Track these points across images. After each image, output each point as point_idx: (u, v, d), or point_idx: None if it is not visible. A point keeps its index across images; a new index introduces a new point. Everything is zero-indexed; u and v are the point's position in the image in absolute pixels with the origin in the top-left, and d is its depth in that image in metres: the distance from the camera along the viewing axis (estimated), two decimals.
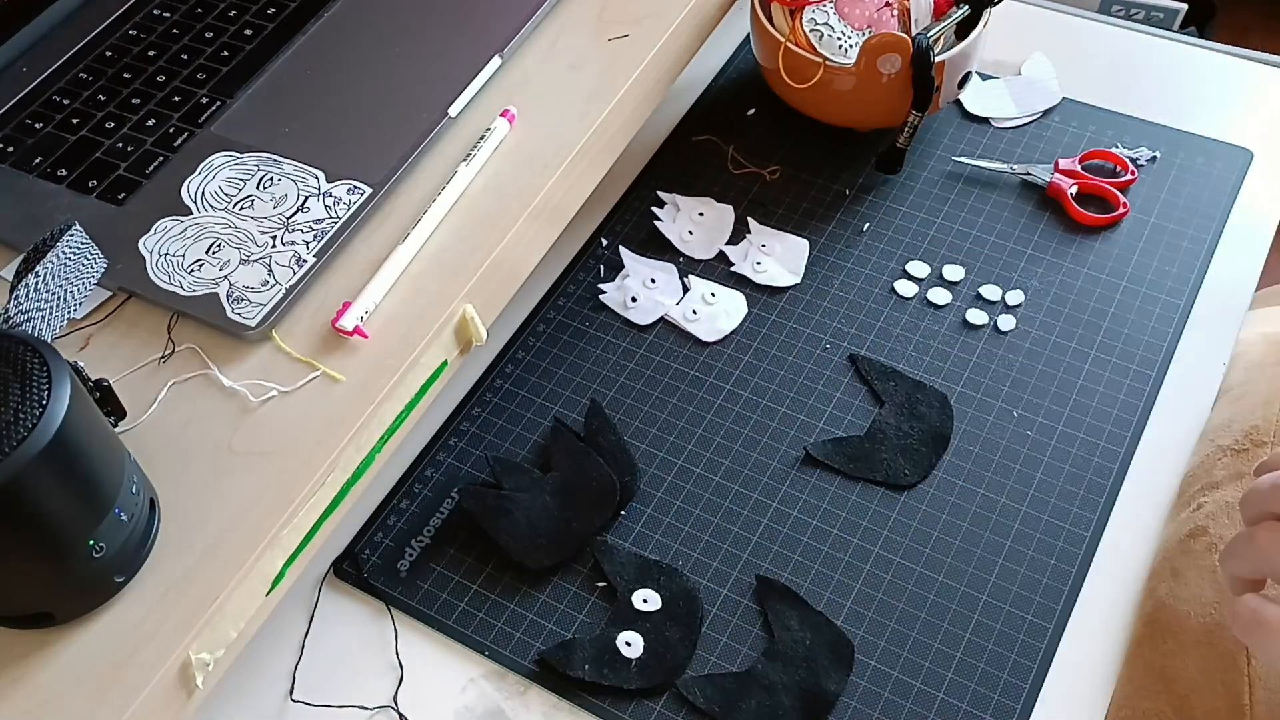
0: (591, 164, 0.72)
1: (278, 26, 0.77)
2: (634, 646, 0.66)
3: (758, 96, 0.94)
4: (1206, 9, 1.41)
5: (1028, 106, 0.91)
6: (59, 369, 0.47)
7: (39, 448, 0.45)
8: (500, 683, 0.66)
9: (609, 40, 0.75)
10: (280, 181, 0.67)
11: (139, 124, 0.71)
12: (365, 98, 0.72)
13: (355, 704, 0.65)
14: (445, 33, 0.75)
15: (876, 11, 0.82)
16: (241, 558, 0.54)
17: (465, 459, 0.75)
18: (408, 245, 0.64)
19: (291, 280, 0.62)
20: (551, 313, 0.82)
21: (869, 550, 0.70)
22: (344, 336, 0.61)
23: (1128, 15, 1.20)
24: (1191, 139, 0.88)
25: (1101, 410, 0.74)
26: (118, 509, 0.50)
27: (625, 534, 0.71)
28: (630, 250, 0.85)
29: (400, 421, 0.61)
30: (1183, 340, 0.77)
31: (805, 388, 0.77)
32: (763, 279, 0.82)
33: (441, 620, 0.68)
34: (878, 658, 0.65)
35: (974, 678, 0.65)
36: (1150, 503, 0.70)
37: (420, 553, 0.71)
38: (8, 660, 0.51)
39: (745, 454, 0.74)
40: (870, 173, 0.88)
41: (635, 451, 0.74)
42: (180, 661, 0.51)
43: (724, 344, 0.80)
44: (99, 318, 0.63)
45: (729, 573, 0.69)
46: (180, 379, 0.60)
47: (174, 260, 0.64)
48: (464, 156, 0.68)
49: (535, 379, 0.79)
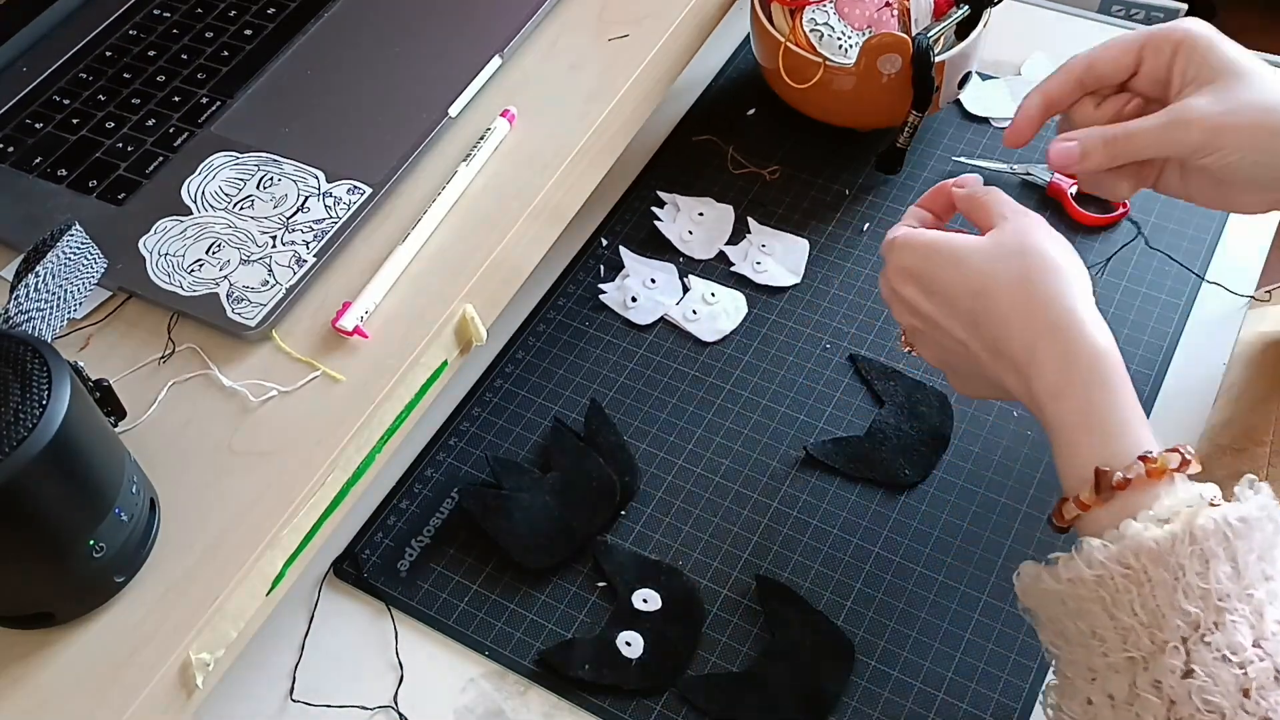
0: (591, 164, 0.72)
1: (278, 26, 0.77)
2: (634, 646, 0.66)
3: (758, 96, 0.94)
4: (1206, 9, 1.41)
5: None
6: (59, 369, 0.47)
7: (39, 448, 0.45)
8: (500, 683, 0.66)
9: (609, 40, 0.75)
10: (280, 181, 0.67)
11: (139, 124, 0.71)
12: (365, 98, 0.72)
13: (355, 704, 0.65)
14: (445, 33, 0.75)
15: (876, 11, 0.82)
16: (241, 558, 0.54)
17: (465, 459, 0.75)
18: (408, 245, 0.64)
19: (291, 280, 0.62)
20: (551, 313, 0.82)
21: (869, 550, 0.70)
22: (344, 336, 0.61)
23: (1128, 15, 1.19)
24: None
25: None
26: (118, 509, 0.50)
27: (625, 534, 0.71)
28: (630, 250, 0.85)
29: (400, 421, 0.61)
30: (1183, 340, 0.77)
31: (805, 388, 0.77)
32: (763, 279, 0.82)
33: (441, 620, 0.68)
34: (878, 658, 0.65)
35: (974, 678, 0.65)
36: None
37: (420, 553, 0.71)
38: (8, 660, 0.51)
39: (745, 454, 0.74)
40: (870, 173, 0.88)
41: (635, 451, 0.74)
42: (180, 661, 0.51)
43: (724, 344, 0.80)
44: (99, 318, 0.63)
45: (729, 573, 0.69)
46: (180, 379, 0.60)
47: (174, 260, 0.64)
48: (464, 156, 0.68)
49: (535, 379, 0.79)
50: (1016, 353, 0.55)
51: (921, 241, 0.60)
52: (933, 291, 0.59)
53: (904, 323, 0.63)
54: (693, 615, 0.67)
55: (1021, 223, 0.58)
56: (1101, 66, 0.62)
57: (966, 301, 0.57)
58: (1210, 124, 0.58)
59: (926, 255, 0.59)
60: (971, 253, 0.58)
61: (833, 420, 0.75)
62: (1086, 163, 0.61)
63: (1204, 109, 0.58)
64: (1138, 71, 0.62)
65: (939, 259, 0.59)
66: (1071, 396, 0.53)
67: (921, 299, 0.59)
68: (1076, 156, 0.61)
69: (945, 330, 0.59)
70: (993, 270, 0.56)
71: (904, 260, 0.60)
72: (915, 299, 0.60)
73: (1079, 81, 0.63)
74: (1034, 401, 0.55)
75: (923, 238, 0.60)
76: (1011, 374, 0.56)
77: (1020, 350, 0.55)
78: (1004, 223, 0.58)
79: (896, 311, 0.63)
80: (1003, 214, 0.59)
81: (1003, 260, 0.56)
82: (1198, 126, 0.58)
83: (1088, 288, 0.56)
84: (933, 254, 0.59)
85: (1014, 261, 0.56)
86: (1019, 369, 0.55)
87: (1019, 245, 0.57)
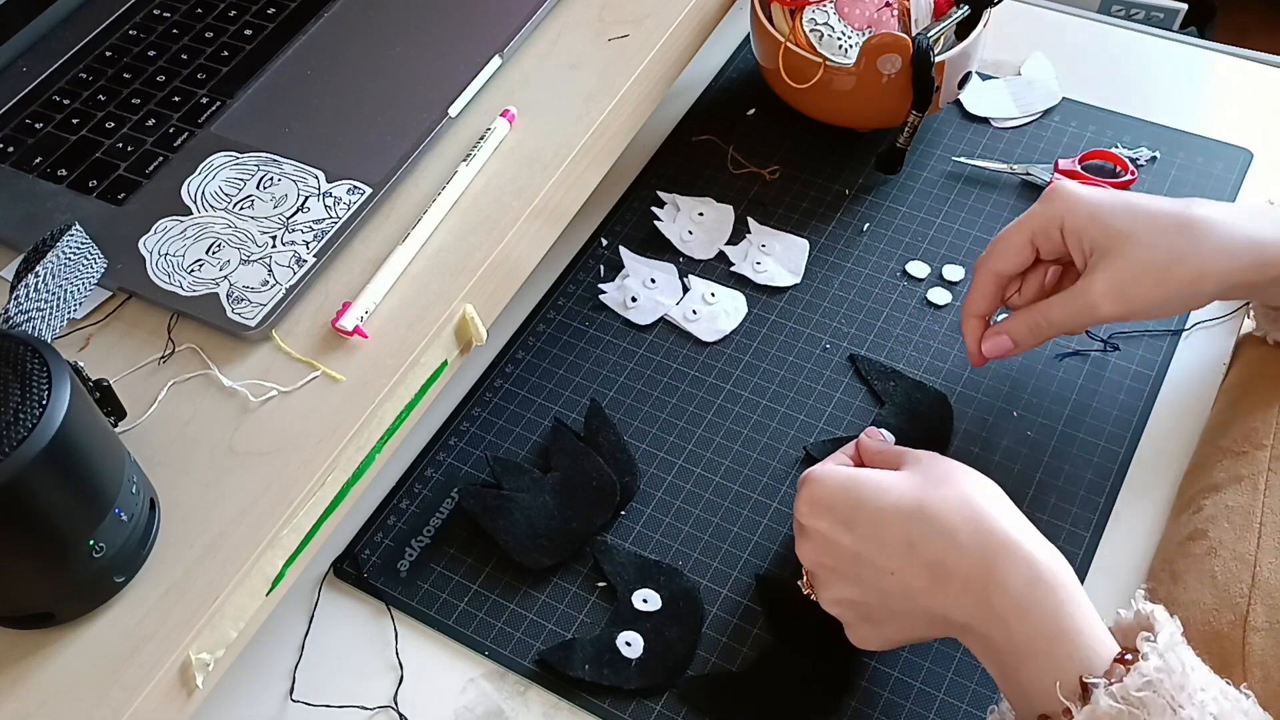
0: (591, 164, 0.72)
1: (278, 27, 0.77)
2: (634, 646, 0.66)
3: (758, 96, 0.94)
4: (1206, 9, 1.41)
5: (1028, 106, 0.91)
6: (59, 369, 0.47)
7: (39, 448, 0.45)
8: (500, 683, 0.66)
9: (609, 40, 0.75)
10: (280, 181, 0.67)
11: (139, 124, 0.71)
12: (365, 98, 0.72)
13: (355, 704, 0.65)
14: (445, 33, 0.75)
15: (876, 11, 0.82)
16: (241, 558, 0.54)
17: (465, 459, 0.75)
18: (408, 245, 0.64)
19: (291, 280, 0.62)
20: (551, 313, 0.82)
21: None
22: (344, 336, 0.61)
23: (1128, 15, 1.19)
24: (1191, 139, 0.88)
25: (1101, 410, 0.74)
26: (118, 509, 0.50)
27: (625, 534, 0.71)
28: (630, 250, 0.85)
29: (400, 421, 0.61)
30: (1182, 341, 0.77)
31: (805, 388, 0.77)
32: (763, 279, 0.82)
33: (441, 620, 0.68)
34: (877, 658, 0.65)
35: (974, 678, 0.64)
36: (1149, 504, 0.70)
37: (420, 553, 0.71)
38: (8, 660, 0.51)
39: (745, 454, 0.74)
40: (870, 173, 0.88)
41: (635, 451, 0.74)
42: (180, 661, 0.51)
43: (724, 344, 0.80)
44: (99, 318, 0.63)
45: (729, 573, 0.69)
46: (180, 379, 0.60)
47: (174, 260, 0.64)
48: (464, 156, 0.68)
49: (535, 379, 0.79)
50: (969, 571, 0.54)
51: (843, 474, 0.59)
52: (855, 523, 0.58)
53: (810, 562, 0.61)
54: (693, 615, 0.67)
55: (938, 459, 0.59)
56: (1006, 267, 0.68)
57: (899, 527, 0.56)
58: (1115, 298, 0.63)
59: (847, 487, 0.58)
60: (898, 481, 0.58)
61: (833, 420, 0.75)
62: (1018, 349, 0.68)
63: (1105, 288, 0.63)
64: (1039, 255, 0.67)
65: (863, 489, 0.58)
66: (1038, 610, 0.52)
67: (840, 532, 0.58)
68: (1010, 346, 0.68)
69: (868, 563, 0.57)
70: (926, 495, 0.56)
71: (821, 493, 0.59)
72: (833, 534, 0.58)
73: (997, 286, 0.69)
74: (993, 620, 0.53)
75: (844, 471, 0.60)
76: (960, 596, 0.54)
77: (974, 567, 0.54)
78: (918, 459, 0.60)
79: (804, 551, 0.61)
80: (916, 456, 0.60)
81: (935, 485, 0.57)
82: (1107, 304, 0.63)
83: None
84: (855, 485, 0.58)
85: (949, 484, 0.57)
86: (973, 589, 0.54)
87: (945, 471, 0.58)
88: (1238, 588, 0.61)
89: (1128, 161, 0.86)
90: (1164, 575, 0.65)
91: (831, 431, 0.75)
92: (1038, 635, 0.52)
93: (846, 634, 0.61)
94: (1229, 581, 0.61)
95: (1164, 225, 0.63)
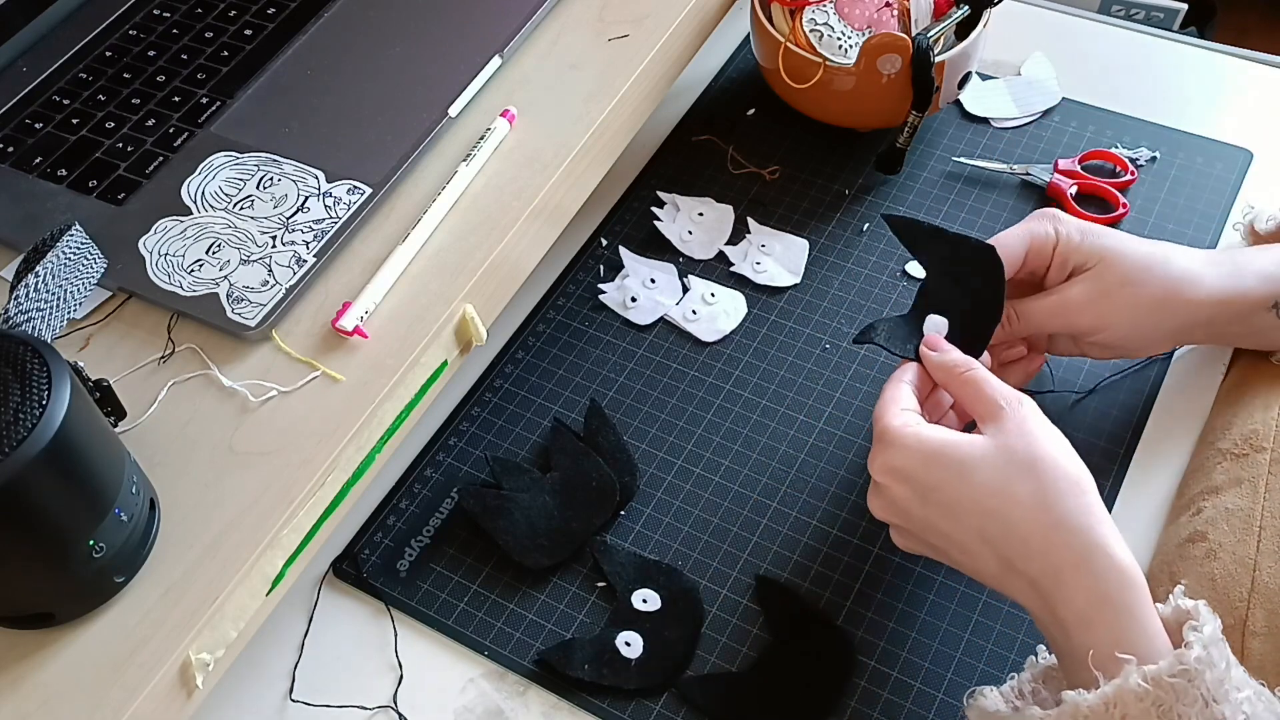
0: (591, 164, 0.72)
1: (278, 26, 0.77)
2: (634, 646, 0.66)
3: (758, 96, 0.94)
4: (1206, 9, 1.41)
5: (1028, 106, 0.91)
6: (59, 369, 0.47)
7: (39, 448, 0.45)
8: (500, 683, 0.66)
9: (609, 40, 0.75)
10: (280, 181, 0.67)
11: (139, 124, 0.71)
12: (365, 98, 0.72)
13: (355, 704, 0.65)
14: (445, 33, 0.75)
15: (876, 11, 0.82)
16: (241, 558, 0.54)
17: (465, 459, 0.75)
18: (408, 245, 0.64)
19: (291, 280, 0.63)
20: (551, 313, 0.82)
21: (868, 550, 0.70)
22: (344, 336, 0.61)
23: (1128, 15, 1.19)
24: (1191, 139, 0.88)
25: (1100, 411, 0.74)
26: (118, 509, 0.50)
27: (625, 534, 0.71)
28: (630, 250, 0.85)
29: (400, 421, 0.61)
30: None
31: (805, 388, 0.77)
32: (762, 279, 0.82)
33: (441, 620, 0.68)
34: (877, 658, 0.65)
35: (974, 678, 0.65)
36: (1148, 506, 0.70)
37: (420, 553, 0.71)
38: (8, 660, 0.51)
39: (745, 454, 0.74)
40: (870, 173, 0.88)
41: (635, 451, 0.74)
42: (180, 661, 0.51)
43: (724, 344, 0.80)
44: (99, 318, 0.63)
45: (729, 573, 0.69)
46: (180, 379, 0.60)
47: (174, 260, 0.64)
48: (464, 156, 0.68)
49: (535, 379, 0.79)
50: (1037, 575, 0.54)
51: (921, 448, 0.57)
52: (931, 502, 0.57)
53: (879, 514, 0.60)
54: (693, 615, 0.67)
55: (1019, 417, 0.57)
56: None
57: (975, 519, 0.55)
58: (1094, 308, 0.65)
59: (927, 463, 0.57)
60: (978, 465, 0.56)
61: (833, 420, 0.75)
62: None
63: (1085, 296, 0.65)
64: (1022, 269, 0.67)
65: (941, 470, 0.56)
66: (1103, 624, 0.52)
67: (916, 504, 0.58)
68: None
69: (940, 535, 0.57)
70: (1005, 490, 0.55)
71: (899, 463, 0.58)
72: (907, 503, 0.58)
73: None
74: (1054, 624, 0.54)
75: (923, 442, 0.57)
76: (1026, 592, 0.55)
77: (1042, 574, 0.54)
78: (1002, 417, 0.57)
79: (875, 505, 0.60)
80: (997, 403, 0.57)
81: (1017, 478, 0.55)
82: (1088, 312, 0.66)
83: (1097, 491, 0.55)
84: (934, 463, 0.57)
85: (1028, 479, 0.55)
86: (1041, 592, 0.54)
87: (1029, 457, 0.55)
88: (1237, 591, 0.61)
89: (1127, 161, 0.86)
90: (1162, 577, 0.65)
91: (831, 432, 0.75)
92: (1097, 647, 0.52)
93: (892, 537, 0.62)
94: (1228, 585, 0.61)
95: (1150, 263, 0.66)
